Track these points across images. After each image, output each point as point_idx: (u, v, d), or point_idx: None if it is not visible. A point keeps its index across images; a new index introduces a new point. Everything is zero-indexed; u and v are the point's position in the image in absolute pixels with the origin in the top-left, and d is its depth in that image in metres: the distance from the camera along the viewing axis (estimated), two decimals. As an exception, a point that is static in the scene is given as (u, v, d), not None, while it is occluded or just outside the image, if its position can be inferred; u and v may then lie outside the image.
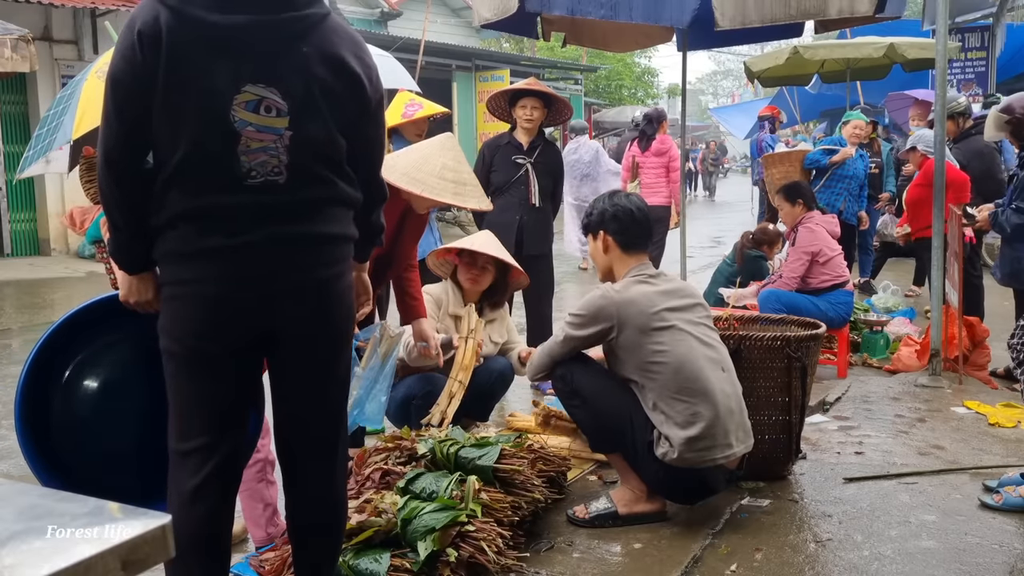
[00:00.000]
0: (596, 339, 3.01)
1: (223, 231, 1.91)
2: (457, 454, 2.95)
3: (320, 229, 1.99)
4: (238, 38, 1.87)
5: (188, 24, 1.84)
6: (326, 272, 2.01)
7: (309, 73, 1.93)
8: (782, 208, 5.49)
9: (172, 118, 1.87)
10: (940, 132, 4.85)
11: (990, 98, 8.44)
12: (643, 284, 3.00)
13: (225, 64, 1.86)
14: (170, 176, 1.90)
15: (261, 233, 1.92)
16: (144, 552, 0.94)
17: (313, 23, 1.95)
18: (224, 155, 1.88)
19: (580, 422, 3.13)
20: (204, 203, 1.90)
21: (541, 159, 4.92)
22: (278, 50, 1.90)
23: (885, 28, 9.24)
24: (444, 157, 3.27)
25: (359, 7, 18.91)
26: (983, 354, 5.09)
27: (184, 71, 1.84)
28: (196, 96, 1.85)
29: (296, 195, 1.96)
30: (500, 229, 4.78)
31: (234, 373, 2.00)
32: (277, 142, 1.91)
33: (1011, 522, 3.02)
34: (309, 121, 1.94)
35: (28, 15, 10.27)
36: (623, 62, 27.37)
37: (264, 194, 1.92)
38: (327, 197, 2.01)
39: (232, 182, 1.89)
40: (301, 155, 1.95)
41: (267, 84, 1.89)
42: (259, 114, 1.89)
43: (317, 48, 1.94)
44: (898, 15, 4.89)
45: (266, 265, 1.94)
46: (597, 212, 3.14)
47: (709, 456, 2.87)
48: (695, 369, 2.87)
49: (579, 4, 4.66)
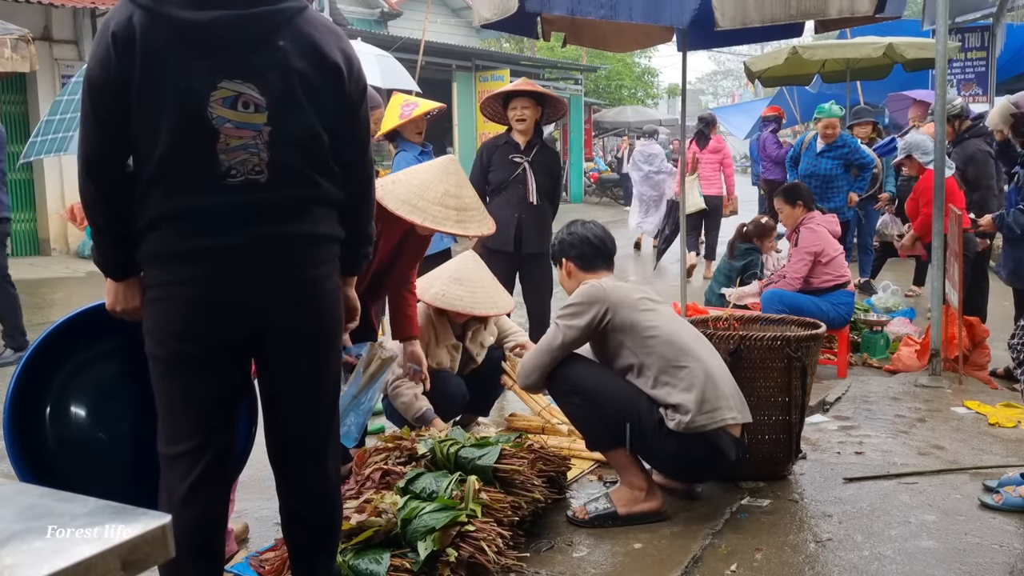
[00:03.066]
0: (591, 326, 3.04)
1: (205, 232, 1.89)
2: (457, 454, 2.95)
3: (306, 229, 1.98)
4: (212, 34, 1.85)
5: (161, 22, 1.83)
6: (313, 272, 2.00)
7: (287, 67, 1.90)
8: (782, 210, 5.49)
9: (150, 118, 1.85)
10: (940, 132, 4.85)
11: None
12: (618, 282, 3.19)
13: (200, 61, 1.84)
14: (150, 177, 1.88)
15: (245, 234, 1.91)
16: (144, 552, 0.94)
17: (289, 16, 1.93)
18: (203, 154, 1.87)
19: (580, 420, 3.12)
20: (185, 204, 1.88)
21: (539, 158, 4.92)
22: (254, 45, 1.88)
23: (885, 28, 9.24)
24: (446, 183, 3.20)
25: (359, 7, 18.91)
26: (983, 354, 5.09)
27: (159, 70, 1.83)
28: (172, 94, 1.83)
29: (279, 194, 1.93)
30: (498, 226, 4.84)
31: (220, 375, 1.98)
32: (257, 138, 1.89)
33: (1011, 522, 3.02)
34: (289, 116, 1.92)
35: (28, 15, 10.27)
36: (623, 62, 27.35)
37: (245, 193, 1.90)
38: (312, 197, 1.99)
39: (212, 181, 1.88)
40: (282, 152, 1.92)
41: (244, 79, 1.86)
42: (237, 110, 1.86)
43: (294, 41, 1.92)
44: (898, 15, 4.88)
45: (251, 266, 1.93)
46: (557, 243, 3.35)
47: (718, 417, 2.93)
48: (683, 340, 3.03)
49: (579, 4, 4.65)
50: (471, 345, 4.05)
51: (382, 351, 3.18)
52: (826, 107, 7.50)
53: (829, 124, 7.38)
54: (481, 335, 4.08)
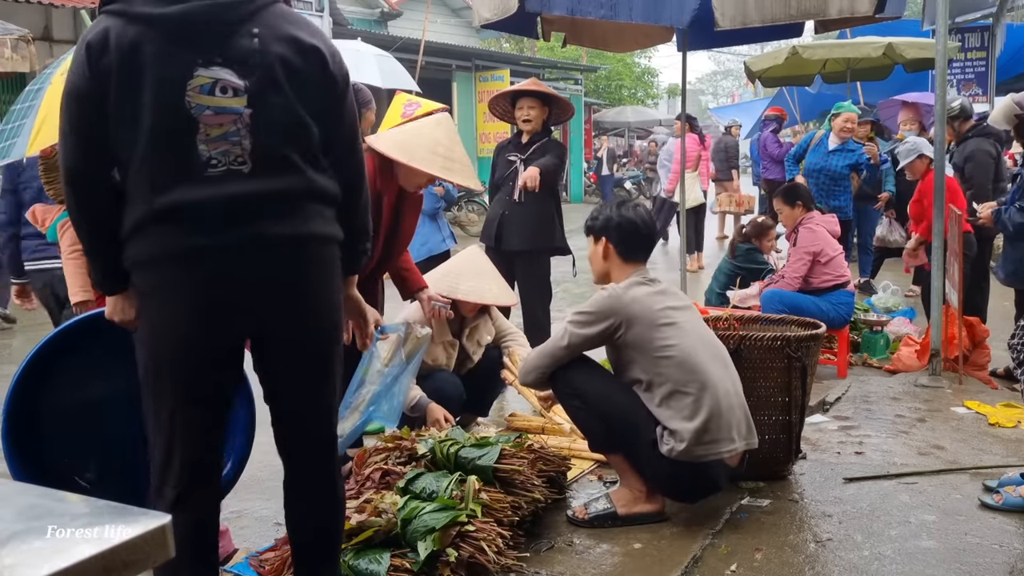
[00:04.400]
0: (601, 338, 3.01)
1: (190, 230, 1.85)
2: (457, 454, 2.95)
3: (299, 229, 1.93)
4: (186, 24, 1.84)
5: (134, 22, 1.83)
6: (309, 272, 1.96)
7: (265, 51, 1.88)
8: (781, 211, 5.48)
9: (129, 121, 1.84)
10: (940, 132, 4.84)
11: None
12: (643, 286, 3.04)
13: (175, 51, 1.83)
14: (132, 179, 1.86)
15: (236, 233, 1.87)
16: (144, 552, 0.94)
17: (261, 6, 1.92)
18: (183, 145, 1.84)
19: (581, 423, 3.12)
20: (166, 201, 1.84)
21: (534, 156, 4.92)
22: (229, 32, 1.86)
23: (885, 28, 9.24)
24: (437, 133, 3.29)
25: (359, 7, 18.89)
26: (983, 354, 5.09)
27: (134, 67, 1.81)
28: (149, 89, 1.82)
29: (264, 186, 1.89)
30: (486, 224, 5.04)
31: (212, 379, 1.95)
32: (238, 122, 1.85)
33: (1011, 522, 3.02)
34: (270, 99, 1.88)
35: (28, 15, 10.27)
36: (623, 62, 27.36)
37: (228, 184, 1.86)
38: (301, 190, 1.94)
39: (193, 174, 1.84)
40: (265, 139, 1.88)
41: (221, 65, 1.84)
42: (215, 95, 1.84)
43: (269, 28, 1.91)
44: (898, 15, 4.89)
45: (244, 266, 1.89)
46: (603, 218, 3.16)
47: (715, 450, 2.88)
48: (697, 362, 2.90)
49: (579, 4, 4.65)
50: (468, 343, 4.04)
51: (418, 329, 3.18)
52: (844, 104, 7.50)
53: (849, 119, 7.29)
54: (479, 333, 4.08)
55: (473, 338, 4.07)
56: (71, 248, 3.07)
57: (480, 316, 4.08)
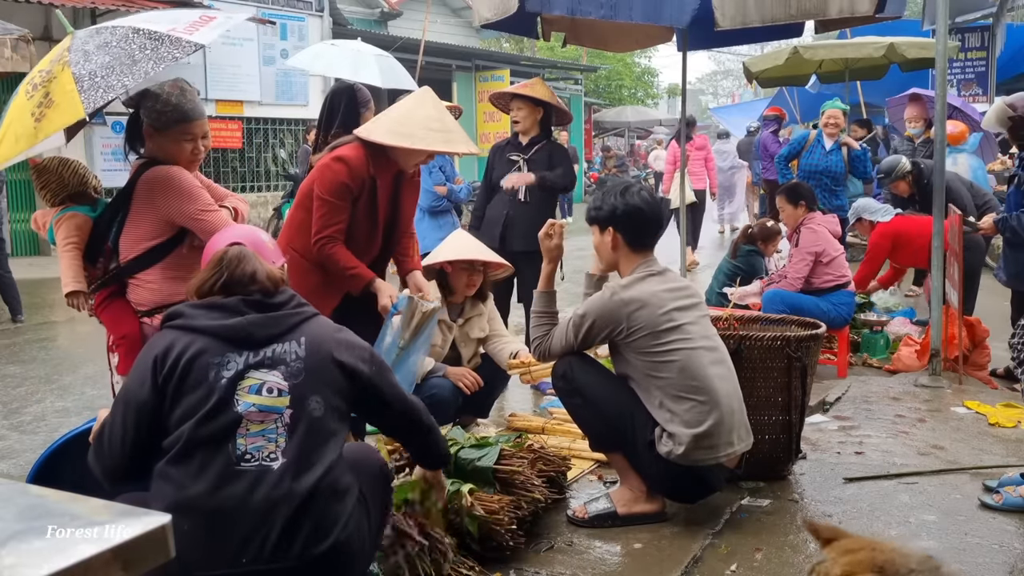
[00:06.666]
0: (601, 338, 3.00)
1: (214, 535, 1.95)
2: (457, 455, 2.94)
3: (322, 545, 2.01)
4: (241, 333, 2.07)
5: (196, 334, 2.07)
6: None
7: (309, 354, 2.11)
8: (784, 210, 5.48)
9: (179, 416, 2.01)
10: (940, 132, 4.84)
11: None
12: (650, 281, 2.97)
13: (230, 357, 2.05)
14: (167, 460, 2.00)
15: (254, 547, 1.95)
16: (144, 552, 0.94)
17: (305, 317, 2.19)
18: (222, 438, 2.00)
19: (581, 421, 3.13)
20: (193, 492, 1.96)
21: (537, 156, 4.92)
22: (278, 338, 2.11)
23: (885, 28, 9.22)
24: (425, 108, 3.28)
25: (359, 7, 18.88)
26: (983, 354, 5.09)
27: (193, 374, 2.02)
28: (204, 389, 2.01)
29: (291, 487, 1.99)
30: (488, 224, 4.96)
31: None
32: (278, 422, 2.04)
33: (1011, 522, 3.02)
34: (310, 398, 2.08)
35: (28, 15, 10.27)
36: (623, 62, 27.37)
37: (258, 485, 1.97)
38: (324, 486, 2.04)
39: (225, 467, 1.98)
40: (300, 436, 2.04)
41: (270, 368, 2.07)
42: (261, 395, 2.04)
43: (314, 335, 2.15)
44: (898, 15, 4.88)
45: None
46: (608, 207, 3.01)
47: (713, 454, 2.88)
48: (699, 368, 2.88)
49: (579, 4, 4.65)
50: (460, 337, 4.02)
51: (423, 303, 3.17)
52: (829, 103, 7.45)
53: (832, 115, 7.20)
54: (473, 322, 4.05)
55: (464, 330, 4.04)
56: (65, 241, 3.10)
57: (476, 307, 4.07)
